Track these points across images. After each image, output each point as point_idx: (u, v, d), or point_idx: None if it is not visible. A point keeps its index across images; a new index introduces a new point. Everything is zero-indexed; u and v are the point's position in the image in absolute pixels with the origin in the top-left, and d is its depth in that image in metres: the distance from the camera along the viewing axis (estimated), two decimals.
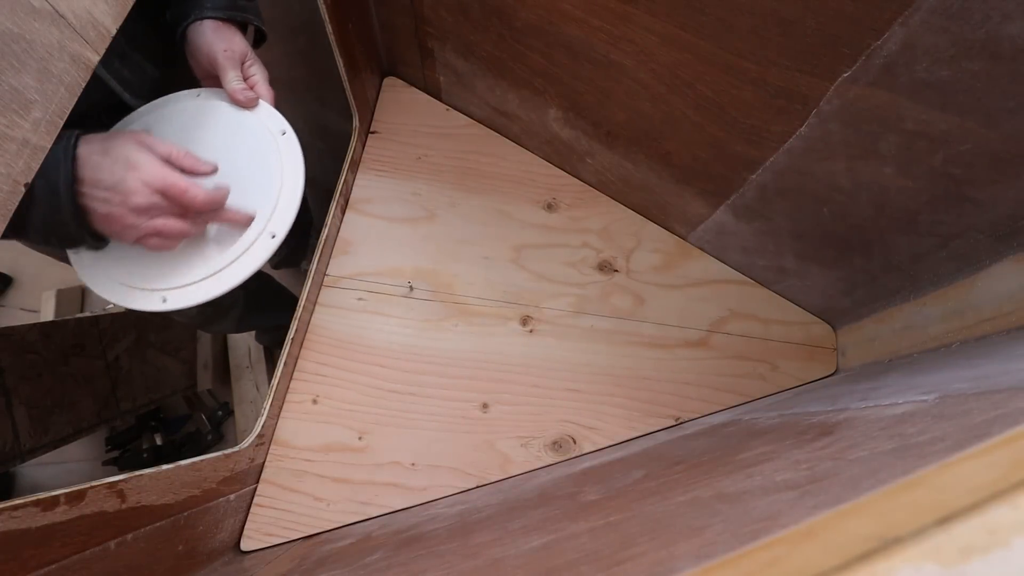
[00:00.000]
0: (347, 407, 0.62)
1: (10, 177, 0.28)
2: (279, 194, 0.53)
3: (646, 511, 0.27)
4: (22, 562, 0.34)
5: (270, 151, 0.55)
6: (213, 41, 0.54)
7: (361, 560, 0.42)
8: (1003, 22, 0.31)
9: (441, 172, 0.74)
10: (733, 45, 0.43)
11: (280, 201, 0.53)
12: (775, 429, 0.41)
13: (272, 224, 0.53)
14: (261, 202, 0.53)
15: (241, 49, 0.55)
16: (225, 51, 0.54)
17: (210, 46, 0.54)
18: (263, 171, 0.54)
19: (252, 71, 0.57)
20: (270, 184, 0.54)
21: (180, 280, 0.51)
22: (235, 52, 0.55)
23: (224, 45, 0.54)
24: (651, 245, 0.70)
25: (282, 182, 0.54)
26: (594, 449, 0.62)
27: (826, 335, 0.65)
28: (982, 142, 0.37)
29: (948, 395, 0.28)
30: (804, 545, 0.14)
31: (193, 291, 0.51)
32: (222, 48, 0.54)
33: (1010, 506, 0.12)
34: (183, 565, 0.49)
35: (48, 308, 1.41)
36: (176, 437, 1.33)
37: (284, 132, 0.56)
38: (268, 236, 0.52)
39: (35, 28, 0.28)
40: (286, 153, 0.55)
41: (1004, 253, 0.41)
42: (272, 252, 0.52)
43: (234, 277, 0.51)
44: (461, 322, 0.66)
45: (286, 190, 0.54)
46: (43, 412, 0.87)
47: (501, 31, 0.59)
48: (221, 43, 0.54)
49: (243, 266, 0.52)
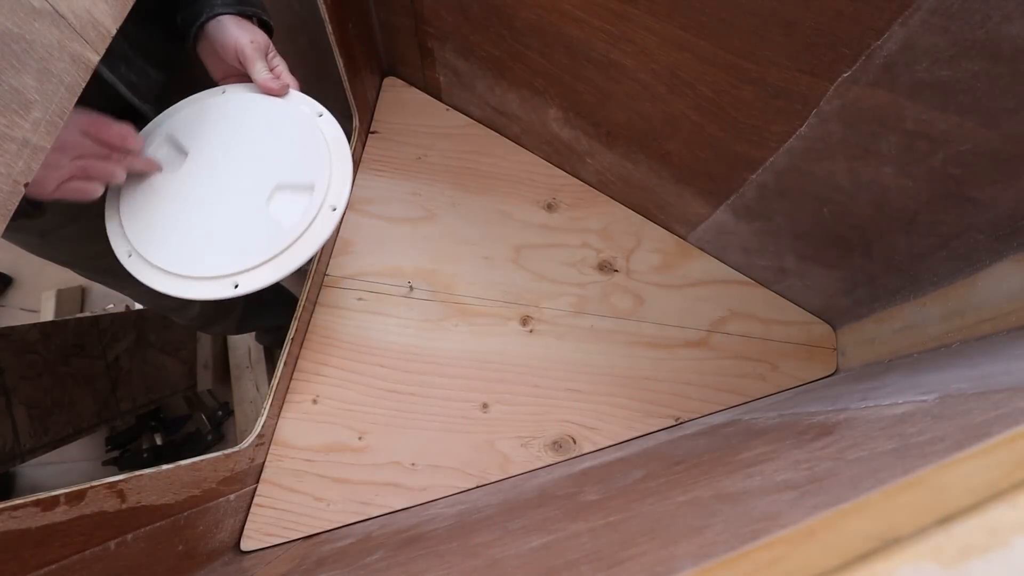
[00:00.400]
0: (347, 407, 0.62)
1: (10, 177, 0.28)
2: (331, 168, 0.54)
3: (646, 511, 0.27)
4: (22, 562, 0.34)
5: (313, 131, 0.56)
6: (238, 35, 0.54)
7: (361, 560, 0.42)
8: (1003, 22, 0.31)
9: (441, 172, 0.74)
10: (733, 45, 0.43)
11: (334, 174, 0.54)
12: (775, 429, 0.41)
13: (331, 197, 0.53)
14: (317, 178, 0.54)
15: (263, 41, 0.56)
16: (252, 43, 0.54)
17: (236, 39, 0.54)
18: (312, 150, 0.55)
19: (275, 62, 0.57)
20: (320, 161, 0.54)
21: (248, 262, 0.50)
22: (260, 44, 0.55)
23: (249, 37, 0.54)
24: (651, 245, 0.70)
25: (331, 157, 0.55)
26: (594, 449, 0.62)
27: (826, 335, 0.65)
28: (982, 142, 0.37)
29: (948, 395, 0.28)
30: (804, 545, 0.14)
31: (264, 272, 0.51)
32: (248, 40, 0.54)
33: (1010, 506, 0.12)
34: (183, 565, 0.49)
35: (48, 308, 1.42)
36: (176, 437, 1.33)
37: (321, 114, 0.57)
38: (329, 209, 0.53)
39: (35, 28, 0.28)
40: (328, 131, 0.56)
41: (1004, 253, 0.41)
42: (335, 226, 0.53)
43: (303, 253, 0.51)
44: (461, 322, 0.66)
45: (337, 163, 0.55)
46: (43, 412, 0.87)
47: (501, 31, 0.59)
48: (246, 35, 0.54)
49: (310, 241, 0.52)
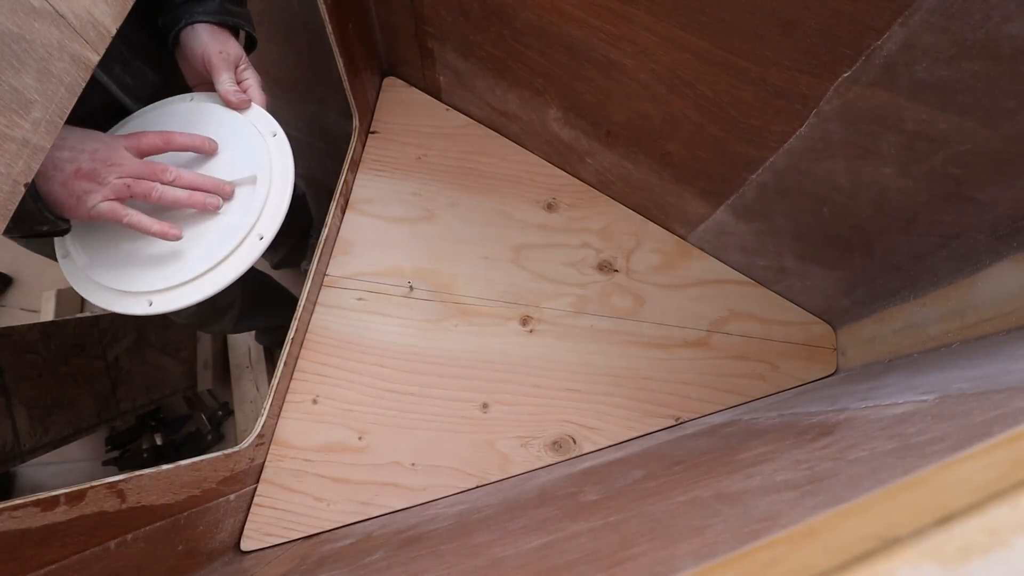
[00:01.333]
0: (347, 407, 0.62)
1: (10, 177, 0.28)
2: (268, 195, 0.53)
3: (646, 511, 0.27)
4: (22, 562, 0.34)
5: (260, 153, 0.55)
6: (208, 43, 0.54)
7: (361, 560, 0.42)
8: (1003, 22, 0.31)
9: (441, 172, 0.74)
10: (733, 45, 0.43)
11: (268, 202, 0.53)
12: (775, 429, 0.41)
13: (260, 225, 0.52)
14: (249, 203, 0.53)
15: (235, 53, 0.56)
16: (220, 53, 0.54)
17: (204, 48, 0.54)
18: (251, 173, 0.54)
19: (246, 75, 0.57)
20: (258, 186, 0.53)
21: (166, 282, 0.50)
22: (230, 55, 0.55)
23: (219, 47, 0.54)
24: (651, 245, 0.70)
25: (271, 183, 0.54)
26: (594, 449, 0.61)
27: (826, 335, 0.65)
28: (982, 142, 0.37)
29: (948, 395, 0.28)
30: (804, 545, 0.14)
31: (180, 294, 0.50)
32: (217, 50, 0.54)
33: (1010, 506, 0.12)
34: (183, 565, 0.49)
35: (48, 308, 1.41)
36: (176, 437, 1.33)
37: (275, 134, 0.56)
38: (256, 238, 0.52)
39: (35, 28, 0.28)
40: (276, 154, 0.55)
41: (1004, 253, 0.41)
42: (259, 254, 0.52)
43: (221, 279, 0.51)
44: (461, 322, 0.66)
45: (275, 191, 0.53)
46: (43, 412, 0.87)
47: (501, 31, 0.59)
48: (216, 45, 0.54)
49: (230, 268, 0.51)
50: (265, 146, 0.55)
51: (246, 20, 0.58)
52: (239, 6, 0.58)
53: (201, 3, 0.54)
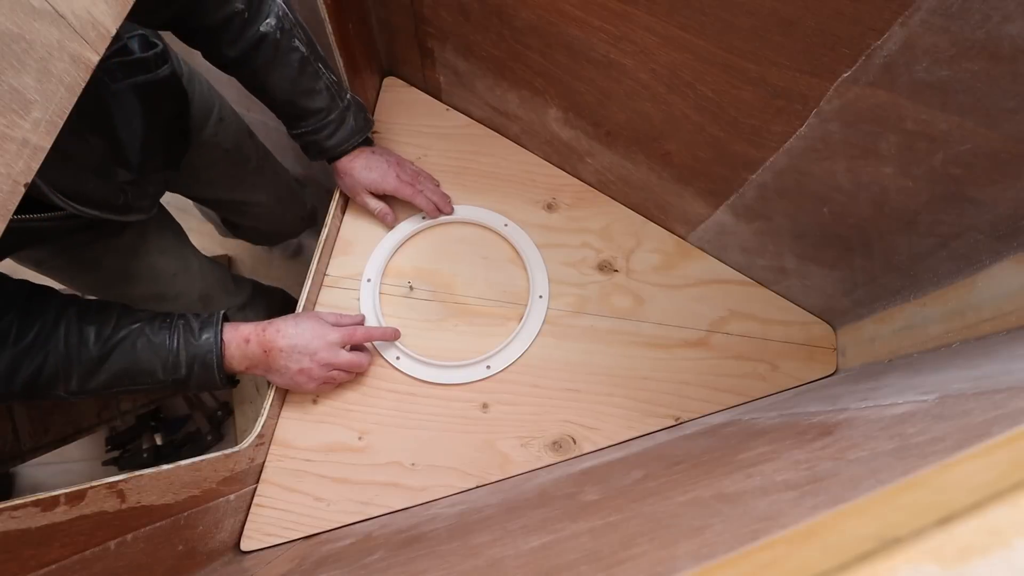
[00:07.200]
0: (347, 407, 0.62)
1: (10, 177, 0.28)
2: (531, 265, 0.68)
3: (646, 511, 0.27)
4: (22, 562, 0.34)
5: (500, 239, 0.70)
6: (355, 183, 0.66)
7: (361, 560, 0.42)
8: (1003, 22, 0.31)
9: (441, 172, 0.74)
10: (733, 45, 0.43)
11: (534, 271, 0.67)
12: (775, 429, 0.41)
13: (537, 288, 0.67)
14: (518, 279, 0.68)
15: (372, 180, 0.66)
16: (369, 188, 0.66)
17: (353, 186, 0.67)
18: (507, 254, 0.70)
19: (422, 186, 0.68)
20: (519, 264, 0.69)
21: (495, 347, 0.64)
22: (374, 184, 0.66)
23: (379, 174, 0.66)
24: (651, 245, 0.70)
25: (526, 256, 0.68)
26: (594, 449, 0.61)
27: (826, 335, 0.65)
28: (982, 142, 0.37)
29: (948, 395, 0.28)
30: (804, 545, 0.13)
31: (509, 350, 0.64)
32: (392, 186, 0.66)
33: (1010, 506, 0.12)
34: (183, 565, 0.49)
35: None
36: (176, 437, 1.33)
37: (506, 224, 0.70)
38: (537, 297, 0.67)
39: (35, 28, 0.28)
40: (515, 237, 0.69)
41: (1004, 253, 0.41)
42: (545, 309, 0.67)
43: (533, 329, 0.66)
44: (461, 322, 0.66)
45: (531, 261, 0.68)
46: (43, 412, 0.87)
47: (501, 31, 0.59)
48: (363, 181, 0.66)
49: (534, 319, 0.66)
50: (503, 232, 0.70)
51: (364, 123, 0.65)
52: (362, 110, 0.66)
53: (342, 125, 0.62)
